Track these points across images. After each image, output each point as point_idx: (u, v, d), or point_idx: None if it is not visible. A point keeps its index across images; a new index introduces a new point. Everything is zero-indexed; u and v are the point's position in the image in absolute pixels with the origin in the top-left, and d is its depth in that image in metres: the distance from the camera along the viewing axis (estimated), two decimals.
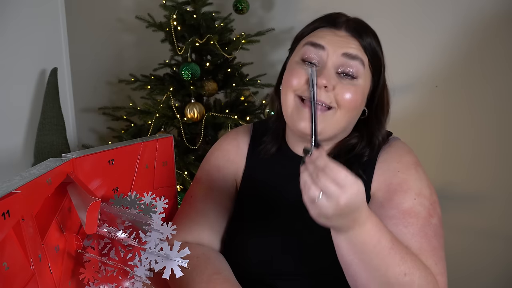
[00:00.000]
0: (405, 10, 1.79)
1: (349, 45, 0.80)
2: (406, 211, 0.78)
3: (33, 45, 1.67)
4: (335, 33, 0.82)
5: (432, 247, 0.77)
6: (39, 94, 1.70)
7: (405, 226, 0.77)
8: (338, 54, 0.80)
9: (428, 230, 0.78)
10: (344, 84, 0.79)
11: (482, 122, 1.75)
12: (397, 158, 0.85)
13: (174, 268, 0.62)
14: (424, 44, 1.77)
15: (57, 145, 1.69)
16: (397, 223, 0.77)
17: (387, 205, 0.80)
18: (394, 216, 0.78)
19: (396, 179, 0.82)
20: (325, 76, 0.78)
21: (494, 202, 1.73)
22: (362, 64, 0.80)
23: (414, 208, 0.79)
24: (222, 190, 0.92)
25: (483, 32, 1.71)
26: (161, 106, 1.65)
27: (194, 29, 1.70)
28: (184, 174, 1.59)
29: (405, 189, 0.80)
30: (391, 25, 1.77)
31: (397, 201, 0.79)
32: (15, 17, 1.62)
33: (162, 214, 0.75)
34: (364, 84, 0.82)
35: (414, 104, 1.77)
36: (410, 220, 0.77)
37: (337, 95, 0.79)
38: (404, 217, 0.78)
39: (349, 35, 0.82)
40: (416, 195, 0.80)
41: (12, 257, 0.49)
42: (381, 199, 0.81)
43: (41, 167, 0.61)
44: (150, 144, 0.84)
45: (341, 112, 0.80)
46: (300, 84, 0.80)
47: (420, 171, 0.84)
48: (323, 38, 0.81)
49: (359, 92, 0.80)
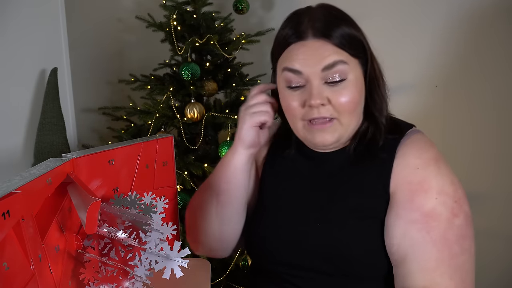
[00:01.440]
0: (405, 10, 1.79)
1: (323, 56, 0.77)
2: (428, 213, 0.77)
3: (33, 45, 1.67)
4: (305, 45, 0.78)
5: (451, 255, 0.75)
6: (39, 94, 1.70)
7: (427, 232, 0.76)
8: (318, 72, 0.77)
9: (450, 235, 0.76)
10: (336, 91, 0.78)
11: (481, 122, 1.76)
12: (417, 153, 0.81)
13: (174, 268, 0.62)
14: (424, 44, 1.77)
15: (57, 145, 1.69)
16: (420, 228, 0.76)
17: (409, 207, 0.78)
18: (418, 220, 0.77)
19: (416, 177, 0.79)
20: (315, 96, 0.77)
21: (494, 202, 1.73)
22: (344, 63, 0.78)
23: (436, 209, 0.77)
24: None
25: (483, 32, 1.72)
26: (161, 106, 1.65)
27: (194, 29, 1.70)
28: (184, 174, 1.59)
29: (425, 188, 0.78)
30: (391, 25, 1.77)
31: (418, 203, 0.78)
32: (15, 17, 1.62)
33: (162, 214, 0.75)
34: (355, 75, 0.80)
35: (414, 104, 1.77)
36: (433, 224, 0.76)
37: (335, 105, 0.79)
38: (427, 220, 0.76)
39: (317, 40, 0.78)
40: (437, 194, 0.78)
41: (12, 257, 0.49)
42: (402, 199, 0.79)
43: (41, 167, 0.61)
44: (150, 144, 0.84)
45: (345, 116, 0.80)
46: (299, 108, 0.80)
47: (441, 166, 0.81)
48: (296, 60, 0.79)
49: (353, 89, 0.79)
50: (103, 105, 1.88)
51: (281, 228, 0.87)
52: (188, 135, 1.71)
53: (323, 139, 0.81)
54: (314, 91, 0.78)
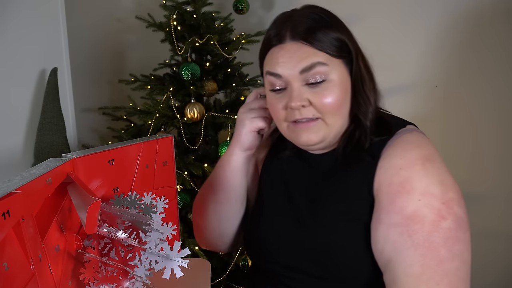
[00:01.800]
0: (404, 10, 1.79)
1: (301, 58, 0.77)
2: (410, 216, 0.72)
3: (33, 45, 1.67)
4: (284, 49, 0.79)
5: (438, 260, 0.70)
6: (39, 94, 1.70)
7: (409, 235, 0.71)
8: (296, 74, 0.78)
9: (436, 238, 0.71)
10: (317, 92, 0.78)
11: (481, 122, 1.76)
12: (402, 153, 0.77)
13: (174, 268, 0.62)
14: (424, 44, 1.77)
15: (57, 145, 1.68)
16: (402, 231, 0.72)
17: (390, 210, 0.74)
18: (399, 223, 0.72)
19: (398, 178, 0.75)
20: (295, 98, 0.78)
21: (494, 202, 1.73)
22: (323, 65, 0.77)
23: (419, 211, 0.72)
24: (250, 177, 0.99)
25: (483, 32, 1.72)
26: (161, 106, 1.65)
27: (194, 29, 1.70)
28: (184, 174, 1.59)
29: (407, 189, 0.74)
30: (391, 25, 1.77)
31: (400, 205, 0.73)
32: (15, 17, 1.62)
33: (163, 214, 0.75)
34: (338, 75, 0.79)
35: (414, 104, 1.77)
36: (415, 227, 0.71)
37: (316, 106, 0.78)
38: (409, 223, 0.72)
39: (295, 43, 0.78)
40: (421, 195, 0.73)
41: (12, 257, 0.49)
42: (383, 202, 0.76)
43: (41, 167, 0.61)
44: (150, 144, 0.84)
45: (328, 117, 0.79)
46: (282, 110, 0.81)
47: (429, 167, 0.75)
48: (276, 64, 0.79)
49: (335, 89, 0.78)
50: (103, 105, 1.88)
51: (275, 229, 0.87)
52: (188, 135, 1.71)
53: (307, 139, 0.80)
54: (293, 94, 0.78)
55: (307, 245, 0.82)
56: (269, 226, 0.89)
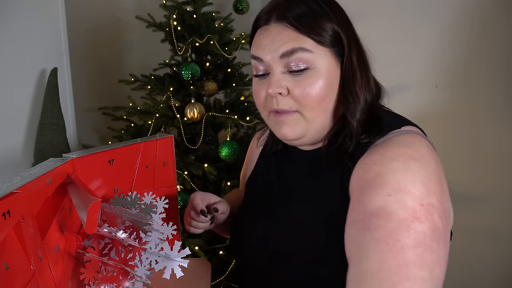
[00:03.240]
0: (404, 10, 1.79)
1: (283, 42, 0.71)
2: (373, 211, 0.60)
3: (33, 45, 1.67)
4: (268, 30, 0.73)
5: (403, 261, 0.56)
6: (39, 94, 1.70)
7: (369, 230, 0.59)
8: (276, 58, 0.72)
9: (404, 237, 0.57)
10: (297, 81, 0.71)
11: (482, 122, 1.75)
12: (381, 151, 0.67)
13: (175, 268, 0.62)
14: (424, 44, 1.77)
15: (57, 145, 1.68)
16: (362, 227, 0.61)
17: (356, 208, 0.64)
18: (360, 220, 0.62)
19: (370, 173, 0.64)
20: (272, 84, 0.72)
21: (494, 202, 1.73)
22: (305, 51, 0.70)
23: (386, 206, 0.59)
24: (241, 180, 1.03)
25: (483, 31, 1.72)
26: (161, 106, 1.65)
27: (194, 29, 1.70)
28: (184, 174, 1.59)
29: (377, 184, 0.62)
30: (390, 25, 1.77)
31: (364, 200, 0.62)
32: (15, 17, 1.62)
33: (163, 214, 0.75)
34: (324, 65, 0.71)
35: (414, 104, 1.77)
36: (378, 222, 0.59)
37: (294, 96, 0.72)
38: (370, 219, 0.60)
39: (280, 25, 0.72)
40: (392, 191, 0.60)
41: (12, 257, 0.49)
42: (352, 201, 0.66)
43: (41, 167, 0.61)
44: (150, 144, 0.84)
45: (307, 110, 0.72)
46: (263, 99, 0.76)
47: (411, 164, 0.63)
48: (259, 46, 0.74)
49: (317, 80, 0.71)
50: (103, 105, 1.88)
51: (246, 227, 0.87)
52: (188, 135, 1.71)
53: (284, 133, 0.74)
54: (272, 79, 0.72)
55: (272, 245, 0.78)
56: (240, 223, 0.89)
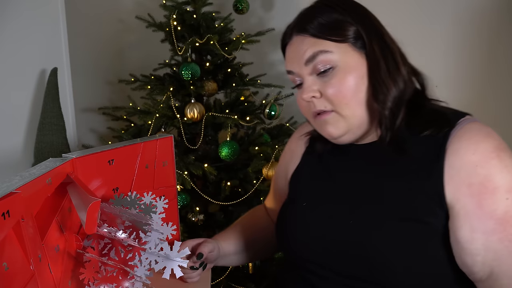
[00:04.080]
0: (404, 10, 1.79)
1: (303, 50, 0.77)
2: (503, 218, 0.67)
3: (33, 45, 1.67)
4: (291, 44, 0.81)
5: None
6: (39, 94, 1.70)
7: (510, 241, 0.66)
8: (302, 67, 0.78)
9: None
10: (325, 82, 0.76)
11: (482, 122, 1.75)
12: (472, 147, 0.70)
13: (174, 268, 0.62)
14: (424, 44, 1.77)
15: (57, 145, 1.68)
16: (502, 238, 0.67)
17: (482, 216, 0.68)
18: (495, 230, 0.67)
19: (476, 177, 0.68)
20: (304, 91, 0.79)
21: None
22: (325, 52, 0.75)
23: (510, 211, 0.66)
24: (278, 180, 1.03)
25: (483, 32, 1.72)
26: (161, 106, 1.65)
27: (194, 29, 1.69)
28: (184, 174, 1.59)
29: (491, 190, 0.67)
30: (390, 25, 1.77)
31: (488, 208, 0.67)
32: (15, 17, 1.62)
33: (162, 214, 0.75)
34: (347, 61, 0.75)
35: None
36: (510, 229, 0.66)
37: (326, 97, 0.77)
38: (505, 227, 0.66)
39: (299, 36, 0.79)
40: (506, 193, 0.67)
41: (12, 257, 0.49)
42: (469, 208, 0.68)
43: (41, 167, 0.61)
44: (150, 144, 0.84)
45: (342, 108, 0.76)
46: (305, 108, 0.81)
47: (504, 157, 0.69)
48: (288, 61, 0.82)
49: (344, 77, 0.75)
50: (103, 105, 1.88)
51: (311, 225, 0.82)
52: (188, 135, 1.71)
53: (329, 131, 0.79)
54: (304, 86, 0.79)
55: (351, 248, 0.75)
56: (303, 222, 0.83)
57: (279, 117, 1.66)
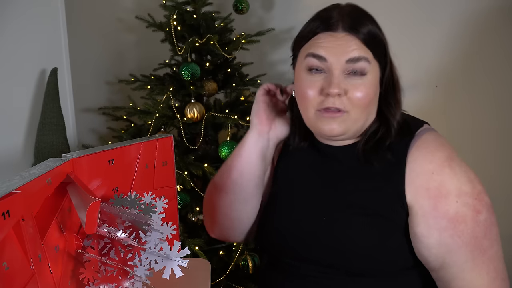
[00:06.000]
0: (405, 10, 1.79)
1: (350, 49, 0.80)
2: (454, 218, 0.79)
3: (33, 45, 1.67)
4: (333, 36, 0.81)
5: (483, 251, 0.80)
6: (39, 94, 1.70)
7: (459, 236, 0.79)
8: (342, 62, 0.80)
9: (478, 232, 0.80)
10: (354, 84, 0.81)
11: (482, 122, 1.76)
12: (429, 157, 0.83)
13: (174, 268, 0.62)
14: (424, 44, 1.77)
15: (57, 145, 1.68)
16: (452, 234, 0.79)
17: (436, 215, 0.80)
18: (447, 227, 0.79)
19: (432, 182, 0.81)
20: (335, 85, 0.80)
21: (494, 202, 1.72)
22: (367, 61, 0.81)
23: (459, 212, 0.79)
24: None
25: (483, 31, 1.72)
26: (161, 106, 1.65)
27: (194, 29, 1.70)
28: (184, 174, 1.59)
29: (444, 194, 0.80)
30: (391, 25, 1.76)
31: (442, 209, 0.80)
32: (15, 17, 1.62)
33: (162, 214, 0.75)
34: (373, 76, 0.83)
35: (414, 104, 1.77)
36: (461, 227, 0.79)
37: (350, 98, 0.81)
38: (455, 225, 0.79)
39: (347, 34, 0.81)
40: (456, 197, 0.80)
41: (12, 257, 0.49)
42: (426, 208, 0.81)
43: (41, 167, 0.61)
44: (150, 144, 0.84)
45: (356, 111, 0.82)
46: (315, 96, 0.82)
47: (455, 167, 0.82)
48: (323, 47, 0.81)
49: (369, 87, 0.82)
50: (103, 105, 1.88)
51: (291, 221, 0.89)
52: (188, 135, 1.71)
53: (331, 128, 0.82)
54: (334, 80, 0.80)
55: (323, 238, 0.85)
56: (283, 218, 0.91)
57: None
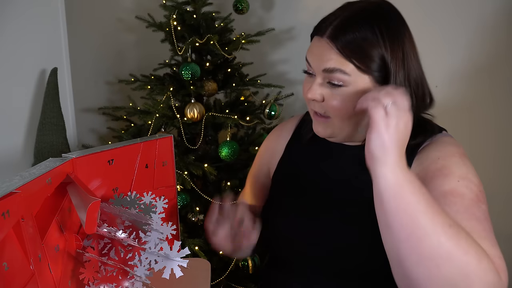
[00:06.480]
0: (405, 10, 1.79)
1: (326, 58, 0.77)
2: (446, 191, 0.71)
3: (33, 45, 1.67)
4: (320, 41, 0.79)
5: (484, 227, 0.69)
6: (39, 94, 1.70)
7: (447, 205, 0.70)
8: (319, 70, 0.80)
9: (477, 212, 0.70)
10: (331, 93, 0.79)
11: (481, 122, 1.76)
12: (438, 147, 0.79)
13: (174, 268, 0.62)
14: (424, 44, 1.77)
15: (57, 145, 1.68)
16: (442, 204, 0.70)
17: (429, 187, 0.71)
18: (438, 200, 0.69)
19: (435, 165, 0.76)
20: (311, 90, 0.81)
21: (493, 202, 1.72)
22: (344, 73, 0.76)
23: (457, 189, 0.71)
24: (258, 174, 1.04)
25: (482, 31, 1.72)
26: (161, 106, 1.65)
27: (194, 29, 1.70)
28: (184, 174, 1.59)
29: (445, 173, 0.74)
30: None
31: (435, 184, 0.73)
32: (15, 17, 1.62)
33: (162, 214, 0.75)
34: (359, 89, 0.77)
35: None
36: (453, 199, 0.70)
37: (325, 105, 0.81)
38: (445, 196, 0.71)
39: (329, 41, 0.77)
40: (460, 178, 0.73)
41: (12, 257, 0.49)
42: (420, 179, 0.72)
43: (41, 167, 0.61)
44: (150, 144, 0.84)
45: (337, 119, 0.81)
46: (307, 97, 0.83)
47: (466, 160, 0.77)
48: (310, 52, 0.82)
49: (346, 99, 0.78)
50: (103, 105, 1.88)
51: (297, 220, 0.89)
52: (188, 135, 1.71)
53: (317, 130, 0.85)
54: (313, 86, 0.81)
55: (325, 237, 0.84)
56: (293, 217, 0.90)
57: (279, 117, 1.66)
